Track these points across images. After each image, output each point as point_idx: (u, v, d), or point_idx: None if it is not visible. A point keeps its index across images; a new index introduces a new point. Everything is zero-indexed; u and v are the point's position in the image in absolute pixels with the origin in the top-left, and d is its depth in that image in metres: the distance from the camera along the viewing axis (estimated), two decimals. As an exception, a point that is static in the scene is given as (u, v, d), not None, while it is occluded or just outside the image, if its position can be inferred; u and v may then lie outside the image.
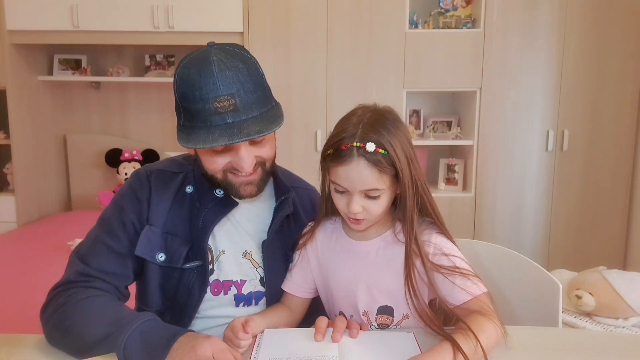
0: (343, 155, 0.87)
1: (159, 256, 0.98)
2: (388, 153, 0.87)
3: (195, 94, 0.88)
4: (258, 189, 1.00)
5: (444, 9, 3.04)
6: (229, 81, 0.88)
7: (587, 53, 2.90)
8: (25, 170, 3.04)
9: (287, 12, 2.90)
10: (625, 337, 1.13)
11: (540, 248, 3.08)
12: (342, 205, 0.93)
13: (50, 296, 0.93)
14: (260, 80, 0.94)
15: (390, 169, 0.88)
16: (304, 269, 1.04)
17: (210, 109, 0.88)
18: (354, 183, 0.88)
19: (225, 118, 0.88)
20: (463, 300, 0.90)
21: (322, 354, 0.81)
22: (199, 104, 0.88)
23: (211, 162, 0.96)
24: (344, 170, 0.88)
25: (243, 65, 0.91)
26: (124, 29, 2.89)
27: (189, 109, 0.90)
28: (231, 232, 1.03)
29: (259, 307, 1.04)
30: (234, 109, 0.88)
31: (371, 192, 0.89)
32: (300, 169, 1.23)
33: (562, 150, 2.99)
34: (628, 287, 1.78)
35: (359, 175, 0.87)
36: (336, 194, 0.93)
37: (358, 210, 0.90)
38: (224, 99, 0.88)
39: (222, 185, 0.99)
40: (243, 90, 0.89)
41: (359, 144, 0.86)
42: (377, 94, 2.95)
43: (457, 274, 0.91)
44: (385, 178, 0.88)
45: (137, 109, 3.43)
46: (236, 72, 0.89)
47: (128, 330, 0.81)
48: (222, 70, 0.88)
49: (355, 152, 0.86)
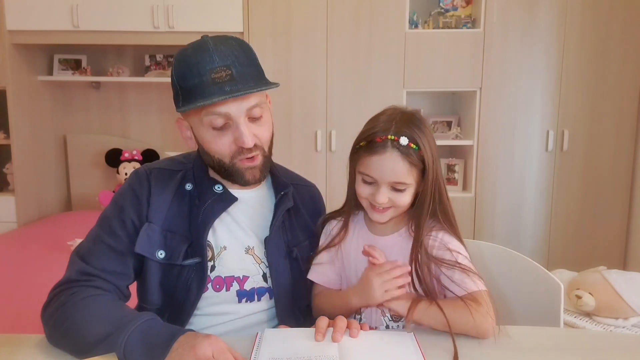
0: (376, 146, 0.91)
1: (158, 253, 0.98)
2: (419, 149, 0.91)
3: (192, 71, 0.91)
4: (261, 174, 1.03)
5: (444, 9, 3.04)
6: (225, 54, 0.92)
7: (587, 53, 2.90)
8: (25, 170, 3.04)
9: (287, 12, 2.90)
10: (625, 337, 1.13)
11: (540, 248, 3.08)
12: (367, 195, 0.96)
13: (51, 295, 0.93)
14: (253, 58, 0.98)
15: (420, 164, 0.92)
16: (334, 264, 1.06)
17: (208, 81, 0.91)
18: (384, 173, 0.92)
19: (222, 87, 0.90)
20: (458, 294, 0.93)
21: (322, 353, 0.81)
22: (197, 79, 0.91)
23: (215, 142, 0.97)
24: (377, 160, 0.92)
25: (236, 43, 0.96)
26: (124, 29, 2.88)
27: (187, 87, 0.93)
28: (232, 228, 1.03)
29: (262, 303, 1.03)
30: (231, 79, 0.91)
31: (399, 184, 0.93)
32: (300, 169, 1.23)
33: (562, 150, 2.99)
34: (628, 287, 1.78)
35: (391, 166, 0.91)
36: (362, 184, 0.97)
37: (384, 201, 0.93)
38: (220, 69, 0.91)
39: (229, 172, 1.00)
40: (238, 62, 0.93)
41: (394, 137, 0.91)
42: (377, 94, 2.95)
43: (457, 269, 0.94)
44: (414, 172, 0.93)
45: (137, 109, 3.43)
46: (230, 48, 0.94)
47: (128, 330, 0.81)
48: (217, 45, 0.92)
49: (389, 144, 0.91)
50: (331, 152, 3.01)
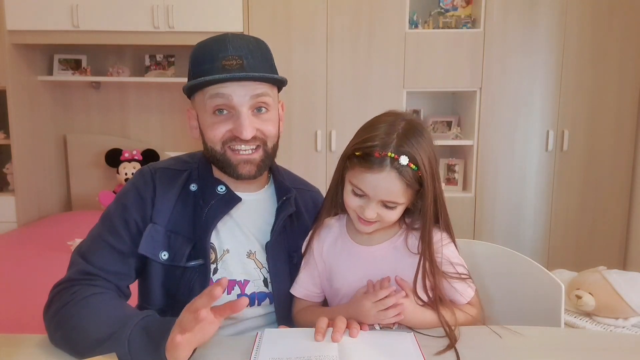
0: (374, 162, 0.86)
1: (162, 255, 0.97)
2: (418, 169, 0.87)
3: (206, 56, 0.94)
4: (258, 170, 1.00)
5: (444, 9, 3.04)
6: (239, 46, 0.94)
7: (587, 53, 2.90)
8: (25, 170, 3.04)
9: (287, 12, 2.90)
10: (625, 337, 1.13)
11: (540, 248, 3.08)
12: (355, 207, 0.93)
13: (52, 294, 0.92)
14: (268, 57, 1.00)
15: (416, 185, 0.89)
16: (312, 274, 1.04)
17: (219, 66, 0.92)
18: (377, 191, 0.88)
19: (231, 72, 0.92)
20: (460, 303, 0.99)
21: (322, 354, 0.81)
22: (208, 64, 0.93)
23: (212, 128, 0.97)
24: (373, 178, 0.87)
25: (254, 40, 0.99)
26: (124, 29, 2.89)
27: (197, 72, 0.95)
28: (235, 231, 1.03)
29: (261, 308, 1.03)
30: (240, 68, 0.92)
31: (390, 203, 0.90)
32: (300, 169, 1.23)
33: (562, 150, 2.99)
34: (628, 287, 1.78)
35: (387, 186, 0.87)
36: (352, 196, 0.93)
37: (372, 217, 0.91)
38: (232, 58, 0.93)
39: (220, 162, 0.99)
40: (251, 56, 0.95)
41: (394, 155, 0.85)
42: (377, 94, 2.95)
43: (457, 280, 0.97)
44: (408, 193, 0.90)
45: (137, 109, 3.43)
46: (247, 42, 0.96)
47: (130, 326, 0.80)
48: (234, 38, 0.95)
49: (388, 162, 0.85)
50: (331, 152, 3.01)
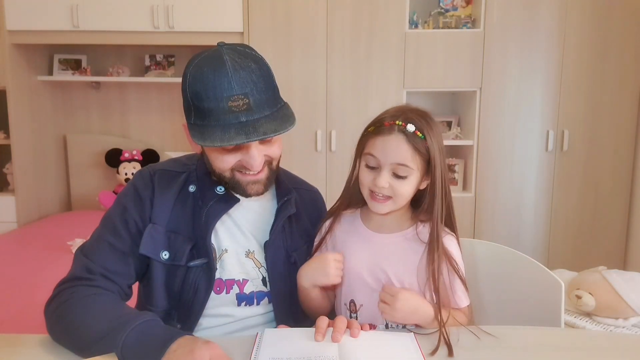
0: (384, 129, 0.95)
1: (162, 254, 0.98)
2: (425, 138, 0.94)
3: (209, 93, 0.89)
4: (265, 187, 1.02)
5: (444, 9, 3.04)
6: (243, 81, 0.90)
7: (587, 53, 2.90)
8: (25, 170, 3.04)
9: (287, 12, 2.90)
10: (625, 337, 1.13)
11: (541, 248, 3.08)
12: (368, 181, 0.97)
13: (56, 292, 0.94)
14: (271, 81, 0.95)
15: (424, 153, 0.94)
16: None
17: (225, 108, 0.89)
18: (387, 154, 0.94)
19: (239, 117, 0.89)
20: (460, 305, 1.01)
21: (322, 354, 0.81)
22: (213, 103, 0.89)
23: (221, 160, 0.97)
24: (382, 140, 0.95)
25: (255, 65, 0.92)
26: (124, 29, 2.88)
27: (202, 108, 0.91)
28: (233, 231, 1.04)
29: (260, 307, 1.04)
30: (248, 109, 0.90)
31: (401, 168, 0.94)
32: (300, 169, 1.23)
33: (562, 151, 2.99)
34: (628, 287, 1.78)
35: (395, 147, 0.93)
36: (365, 170, 0.98)
37: (384, 185, 0.95)
38: (238, 98, 0.89)
39: (230, 184, 1.00)
40: (256, 90, 0.91)
41: (401, 122, 0.94)
42: (377, 94, 2.95)
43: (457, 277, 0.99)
44: (417, 159, 0.94)
45: (137, 109, 3.43)
46: (249, 72, 0.91)
47: (127, 329, 0.81)
48: (236, 70, 0.89)
49: (396, 128, 0.94)
50: (331, 152, 3.01)
